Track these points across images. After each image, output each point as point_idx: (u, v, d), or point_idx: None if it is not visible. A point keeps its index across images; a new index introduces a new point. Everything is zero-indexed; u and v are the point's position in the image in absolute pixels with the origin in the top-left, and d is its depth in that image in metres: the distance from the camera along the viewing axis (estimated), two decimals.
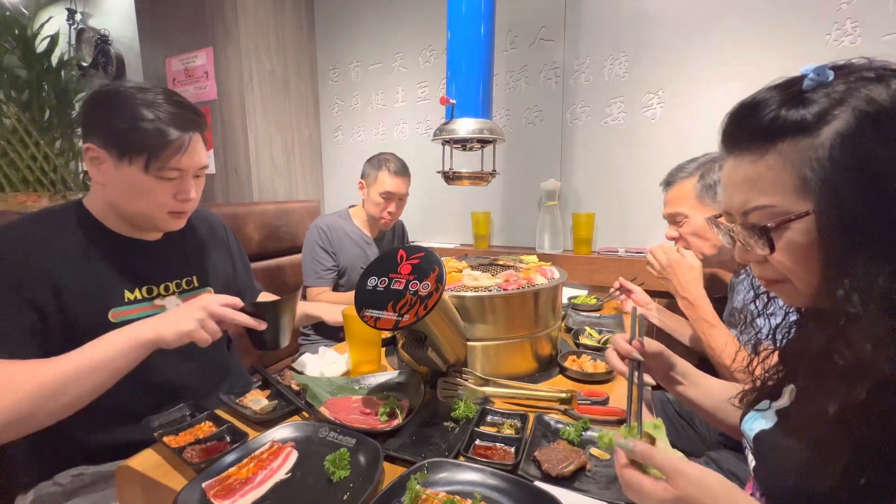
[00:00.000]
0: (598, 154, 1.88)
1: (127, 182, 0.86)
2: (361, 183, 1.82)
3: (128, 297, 0.92)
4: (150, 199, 0.89)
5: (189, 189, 0.92)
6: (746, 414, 0.66)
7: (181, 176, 0.90)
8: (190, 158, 0.89)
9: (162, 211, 0.91)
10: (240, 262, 1.21)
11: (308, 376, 0.98)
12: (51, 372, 0.73)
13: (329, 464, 0.69)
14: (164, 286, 0.98)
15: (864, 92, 0.44)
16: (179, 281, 1.01)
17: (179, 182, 0.90)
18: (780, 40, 1.51)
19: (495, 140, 1.34)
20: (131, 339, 0.78)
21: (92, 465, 0.92)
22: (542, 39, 1.93)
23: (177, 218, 0.95)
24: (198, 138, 0.92)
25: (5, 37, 1.81)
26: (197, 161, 0.91)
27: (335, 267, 1.78)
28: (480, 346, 0.98)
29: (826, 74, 0.46)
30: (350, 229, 1.84)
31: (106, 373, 0.76)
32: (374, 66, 2.35)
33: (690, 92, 1.68)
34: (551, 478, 0.67)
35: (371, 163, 1.80)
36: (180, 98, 0.91)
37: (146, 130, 0.84)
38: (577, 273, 1.83)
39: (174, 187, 0.90)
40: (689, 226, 1.22)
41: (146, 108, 0.85)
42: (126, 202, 0.89)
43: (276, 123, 2.35)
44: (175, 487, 0.67)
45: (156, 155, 0.85)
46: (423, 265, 0.87)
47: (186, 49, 2.31)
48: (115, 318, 0.89)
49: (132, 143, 0.84)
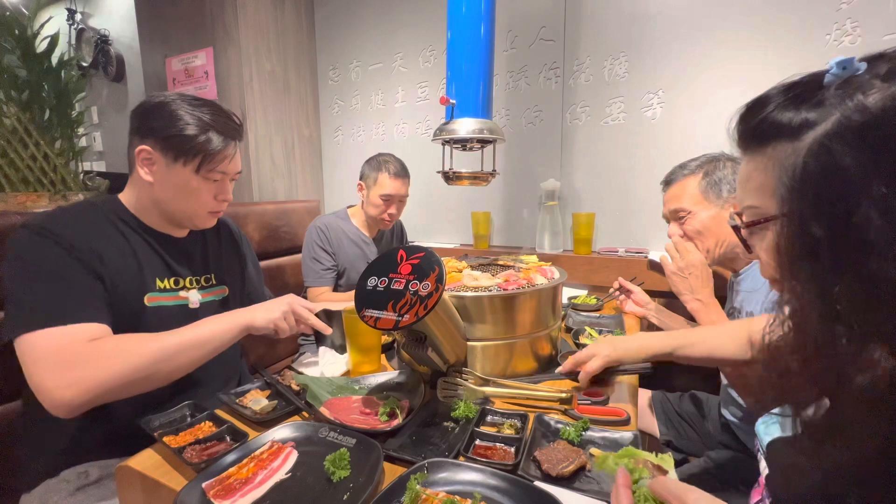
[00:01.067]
0: (598, 154, 1.88)
1: (177, 182, 0.96)
2: (360, 185, 1.81)
3: (159, 286, 1.00)
4: (196, 198, 0.99)
5: (228, 191, 1.04)
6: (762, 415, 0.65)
7: (223, 179, 1.01)
8: (234, 164, 1.02)
9: (204, 209, 1.01)
10: (252, 269, 1.28)
11: (308, 376, 0.98)
12: (165, 342, 0.84)
13: (329, 464, 0.69)
14: (189, 279, 1.06)
15: (857, 97, 0.41)
16: (199, 277, 1.08)
17: (221, 184, 1.02)
18: (780, 40, 1.51)
19: (495, 140, 1.34)
20: (232, 321, 0.92)
21: (98, 460, 0.93)
22: (542, 39, 1.93)
23: (213, 217, 1.06)
24: (238, 147, 1.03)
25: (5, 37, 1.81)
26: (237, 167, 1.04)
27: (335, 267, 1.79)
28: (480, 346, 0.98)
29: (854, 67, 0.43)
30: (348, 229, 1.84)
31: (209, 347, 0.89)
32: (374, 66, 2.35)
33: (690, 92, 1.68)
34: (551, 478, 0.67)
35: (370, 164, 1.79)
36: (227, 110, 1.02)
37: (202, 137, 0.94)
38: (577, 273, 1.83)
39: (216, 189, 1.01)
40: (692, 222, 1.20)
41: (200, 117, 0.95)
42: (173, 199, 0.98)
43: (276, 123, 2.35)
44: (175, 487, 0.67)
45: (209, 159, 0.96)
46: (423, 265, 0.87)
47: (186, 49, 2.31)
48: (150, 301, 0.97)
49: (189, 147, 0.94)
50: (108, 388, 0.79)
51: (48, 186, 1.89)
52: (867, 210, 0.39)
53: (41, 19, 2.17)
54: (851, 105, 0.41)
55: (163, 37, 2.39)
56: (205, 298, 1.07)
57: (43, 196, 1.85)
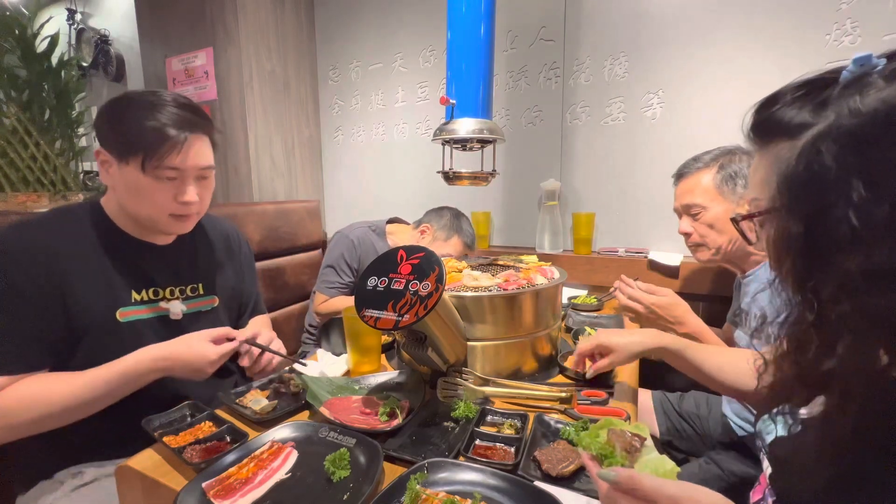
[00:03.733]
0: (598, 154, 1.88)
1: (128, 183, 0.89)
2: (427, 228, 1.73)
3: (135, 298, 0.94)
4: (150, 200, 0.90)
5: (187, 190, 0.91)
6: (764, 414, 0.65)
7: (180, 177, 0.90)
8: (186, 156, 0.89)
9: (163, 213, 0.92)
10: (248, 276, 1.22)
11: (308, 376, 0.98)
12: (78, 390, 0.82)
13: (329, 464, 0.69)
14: (170, 290, 1.00)
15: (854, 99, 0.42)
16: (184, 287, 1.03)
17: (179, 183, 0.91)
18: (780, 40, 1.51)
19: (495, 140, 1.34)
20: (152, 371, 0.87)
21: (92, 461, 0.92)
22: (542, 39, 1.93)
23: (180, 221, 0.95)
24: (199, 139, 0.92)
25: (5, 37, 1.81)
26: (195, 161, 0.91)
27: (351, 283, 1.72)
28: (480, 346, 0.98)
29: (872, 64, 0.43)
30: (381, 247, 1.75)
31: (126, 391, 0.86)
32: (374, 66, 2.35)
33: (690, 92, 1.68)
34: (551, 478, 0.67)
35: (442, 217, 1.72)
36: (186, 100, 0.93)
37: (143, 130, 0.86)
38: (577, 273, 1.83)
39: (173, 188, 0.90)
40: (705, 217, 1.17)
41: (147, 110, 0.87)
42: (129, 203, 0.92)
43: (276, 123, 2.35)
44: (175, 487, 0.67)
45: (151, 153, 0.86)
46: (423, 265, 0.87)
47: (186, 49, 2.31)
48: (123, 317, 0.92)
49: (130, 143, 0.86)
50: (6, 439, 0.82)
51: (48, 186, 1.89)
52: (845, 211, 0.40)
53: (41, 19, 2.17)
54: (846, 107, 0.42)
55: (163, 37, 2.39)
56: (190, 309, 1.03)
57: (43, 196, 1.85)
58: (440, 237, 1.70)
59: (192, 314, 1.04)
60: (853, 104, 0.41)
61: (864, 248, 0.40)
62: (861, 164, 0.40)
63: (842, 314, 0.42)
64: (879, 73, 0.42)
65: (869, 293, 0.40)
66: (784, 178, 0.46)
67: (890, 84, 0.41)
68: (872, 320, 0.41)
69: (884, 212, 0.39)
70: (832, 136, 0.42)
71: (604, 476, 0.52)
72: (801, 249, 0.45)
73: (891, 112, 0.40)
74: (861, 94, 0.41)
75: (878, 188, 0.39)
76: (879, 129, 0.40)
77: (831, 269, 0.42)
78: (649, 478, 0.51)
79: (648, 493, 0.50)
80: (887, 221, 0.39)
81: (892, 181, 0.39)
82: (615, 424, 0.63)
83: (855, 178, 0.40)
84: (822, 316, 0.44)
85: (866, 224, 0.39)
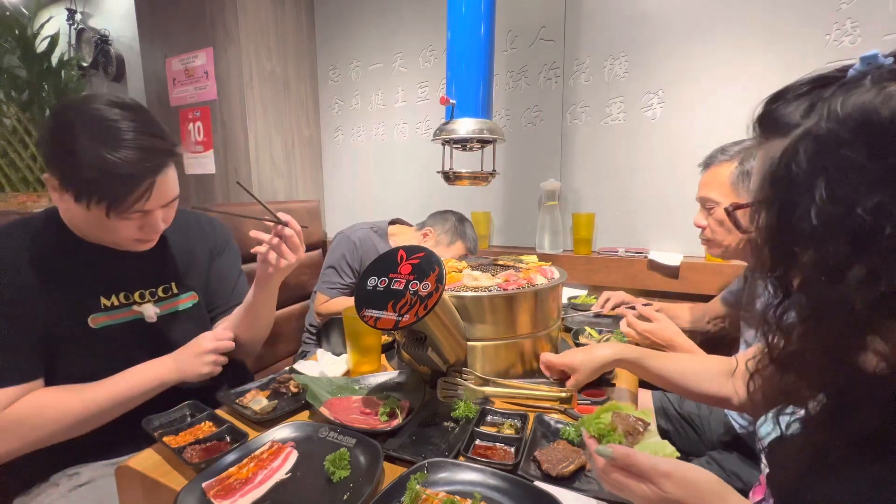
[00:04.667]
0: (598, 154, 1.88)
1: (88, 219, 0.82)
2: (429, 232, 1.72)
3: (104, 304, 0.92)
4: (115, 234, 0.86)
5: (155, 223, 0.88)
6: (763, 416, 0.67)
7: (149, 213, 0.86)
8: (156, 200, 0.84)
9: (128, 241, 0.88)
10: (230, 269, 1.17)
11: (308, 376, 0.98)
12: (81, 406, 0.84)
13: (329, 464, 0.69)
14: (139, 293, 0.97)
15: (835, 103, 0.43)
16: (155, 289, 1.00)
17: (147, 217, 0.86)
18: (780, 40, 1.51)
19: (495, 140, 1.34)
20: (156, 380, 0.91)
21: (88, 462, 0.92)
22: (542, 39, 1.93)
23: (145, 242, 0.92)
24: (167, 172, 0.85)
25: (5, 37, 1.81)
26: (164, 197, 0.86)
27: (352, 285, 1.71)
28: (480, 346, 0.98)
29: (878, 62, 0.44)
30: (383, 248, 1.72)
31: (129, 405, 0.89)
32: (374, 66, 2.35)
33: (690, 92, 1.67)
34: (551, 478, 0.67)
35: (446, 221, 1.72)
36: (150, 126, 0.83)
37: (106, 177, 0.77)
38: (577, 273, 1.83)
39: (140, 221, 0.86)
40: (717, 213, 1.14)
41: (104, 144, 0.77)
42: (89, 234, 0.88)
43: (276, 123, 2.35)
44: (175, 487, 0.67)
45: (116, 204, 0.79)
46: (423, 265, 0.87)
47: (186, 49, 2.31)
48: (96, 323, 0.91)
49: (91, 190, 0.78)
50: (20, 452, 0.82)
51: None
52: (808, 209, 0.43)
53: (41, 19, 2.17)
54: (827, 110, 0.43)
55: (163, 37, 2.39)
56: (164, 311, 1.00)
57: (43, 196, 1.85)
58: (443, 241, 1.69)
59: (169, 315, 1.01)
60: (834, 106, 0.43)
61: (818, 244, 0.43)
62: (827, 167, 0.42)
63: (800, 303, 0.47)
64: (874, 74, 0.43)
65: (820, 285, 0.44)
66: (767, 174, 0.48)
67: (874, 87, 0.41)
68: (824, 311, 0.45)
69: (837, 212, 0.41)
70: (811, 137, 0.44)
71: (601, 451, 0.54)
72: (772, 240, 0.48)
73: (861, 117, 0.41)
74: (845, 97, 0.42)
75: (835, 190, 0.42)
76: (848, 133, 0.41)
77: (794, 261, 0.46)
78: (645, 455, 0.52)
79: (643, 470, 0.51)
80: (836, 222, 0.41)
81: (847, 185, 0.41)
82: (620, 408, 0.64)
83: (821, 179, 0.42)
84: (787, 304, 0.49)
85: (823, 221, 0.42)
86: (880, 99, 0.40)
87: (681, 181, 1.69)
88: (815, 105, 0.45)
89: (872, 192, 0.40)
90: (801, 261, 0.45)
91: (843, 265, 0.42)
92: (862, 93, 0.42)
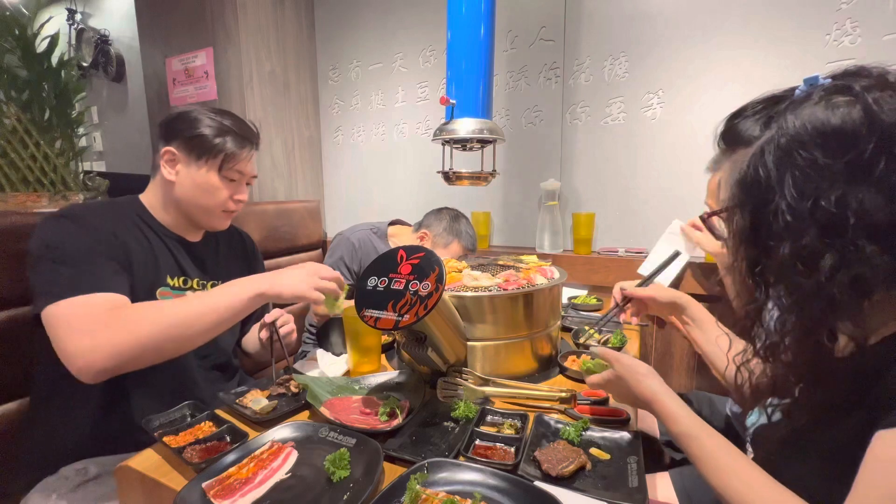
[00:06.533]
0: (598, 154, 1.88)
1: (197, 179, 1.04)
2: (425, 234, 1.71)
3: (169, 282, 1.05)
4: (214, 196, 1.06)
5: (244, 192, 1.12)
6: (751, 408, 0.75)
7: (240, 180, 1.09)
8: (251, 166, 1.11)
9: (220, 208, 1.08)
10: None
11: (308, 376, 0.98)
12: (180, 310, 0.86)
13: (329, 464, 0.69)
14: (197, 281, 1.11)
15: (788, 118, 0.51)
16: (205, 282, 1.13)
17: (238, 185, 1.09)
18: (780, 40, 1.51)
19: (495, 140, 1.34)
20: (252, 290, 0.90)
21: (96, 457, 0.94)
22: (542, 39, 1.93)
23: (227, 217, 1.12)
24: (254, 153, 1.12)
25: (5, 37, 1.81)
26: (253, 169, 1.13)
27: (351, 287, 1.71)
28: (480, 346, 0.98)
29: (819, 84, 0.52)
30: (382, 250, 1.69)
31: (226, 315, 0.88)
32: (374, 66, 2.35)
33: (690, 92, 1.67)
34: (551, 478, 0.67)
35: (441, 221, 1.70)
36: (245, 120, 1.12)
37: (223, 138, 1.04)
38: (577, 273, 1.83)
39: (233, 189, 1.08)
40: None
41: (221, 122, 1.05)
42: (193, 197, 1.05)
43: (276, 123, 2.35)
44: (175, 487, 0.67)
45: (230, 158, 1.05)
46: (423, 265, 0.87)
47: (186, 49, 2.31)
48: (160, 295, 1.02)
49: (211, 146, 1.03)
50: (129, 352, 0.81)
51: (48, 186, 1.89)
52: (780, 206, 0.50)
53: (41, 19, 2.17)
54: (783, 122, 0.51)
55: (163, 37, 2.39)
56: None
57: (43, 196, 1.85)
58: (439, 243, 1.68)
59: None
60: (791, 117, 0.50)
61: (793, 236, 0.49)
62: (791, 168, 0.50)
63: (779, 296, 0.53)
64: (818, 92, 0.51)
65: (798, 274, 0.49)
66: (737, 180, 0.55)
67: (822, 100, 0.49)
68: (803, 300, 0.50)
69: (805, 207, 0.48)
70: (774, 145, 0.51)
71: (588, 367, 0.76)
72: (749, 239, 0.54)
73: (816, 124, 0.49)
74: (800, 109, 0.50)
75: (801, 188, 0.49)
76: (807, 138, 0.49)
77: (771, 254, 0.51)
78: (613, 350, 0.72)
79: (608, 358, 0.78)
80: (808, 214, 0.48)
81: (811, 182, 0.49)
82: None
83: (788, 178, 0.50)
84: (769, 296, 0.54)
85: (794, 216, 0.49)
86: (830, 109, 0.48)
87: (681, 181, 1.69)
88: (772, 118, 0.53)
89: (834, 187, 0.47)
90: (777, 255, 0.50)
91: (816, 254, 0.48)
92: (812, 105, 0.49)
